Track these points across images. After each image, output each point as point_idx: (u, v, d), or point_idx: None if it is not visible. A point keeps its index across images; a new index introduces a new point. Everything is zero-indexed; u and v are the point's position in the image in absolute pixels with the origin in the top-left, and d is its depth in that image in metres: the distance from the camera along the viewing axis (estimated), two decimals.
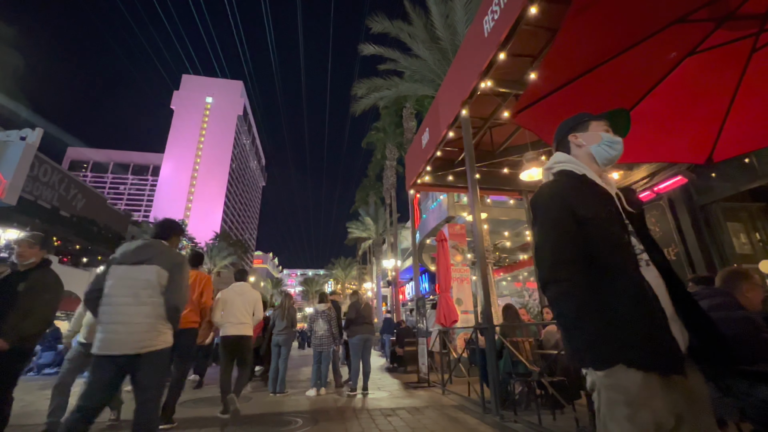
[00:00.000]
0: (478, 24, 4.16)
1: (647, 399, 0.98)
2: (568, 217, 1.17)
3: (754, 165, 4.49)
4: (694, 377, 1.05)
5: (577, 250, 1.13)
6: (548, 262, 1.15)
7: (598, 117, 1.36)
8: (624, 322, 1.04)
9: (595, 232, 1.14)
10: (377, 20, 11.40)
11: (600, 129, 1.33)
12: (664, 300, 1.09)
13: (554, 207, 1.21)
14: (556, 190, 1.24)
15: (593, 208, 1.17)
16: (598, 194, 1.21)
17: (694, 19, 2.22)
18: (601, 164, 1.31)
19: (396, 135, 20.17)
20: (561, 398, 3.37)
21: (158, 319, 2.29)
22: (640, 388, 0.99)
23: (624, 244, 1.13)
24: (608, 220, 1.15)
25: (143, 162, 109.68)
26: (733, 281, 2.14)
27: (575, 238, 1.15)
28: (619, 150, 1.29)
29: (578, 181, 1.26)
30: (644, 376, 0.99)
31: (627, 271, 1.09)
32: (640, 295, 1.06)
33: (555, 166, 1.34)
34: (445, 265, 7.20)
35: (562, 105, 2.46)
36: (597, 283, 1.10)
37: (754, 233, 5.04)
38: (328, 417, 4.11)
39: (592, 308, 1.07)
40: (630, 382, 1.00)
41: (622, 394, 1.01)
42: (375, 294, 28.79)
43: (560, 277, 1.12)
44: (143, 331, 2.22)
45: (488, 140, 6.29)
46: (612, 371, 1.02)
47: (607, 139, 1.30)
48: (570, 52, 2.23)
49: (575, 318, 1.08)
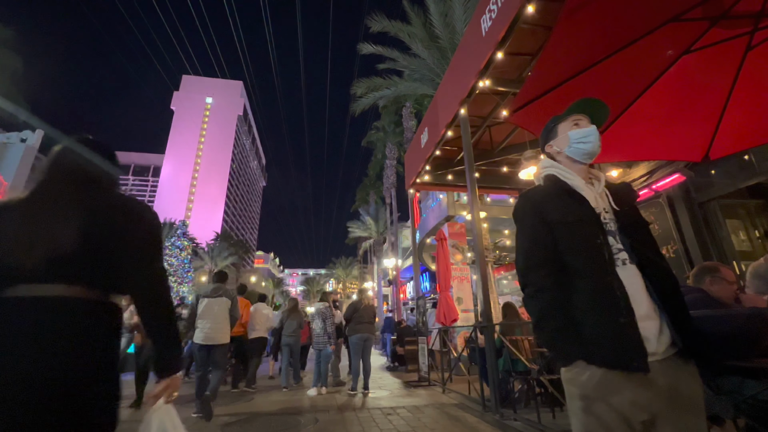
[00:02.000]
0: (476, 23, 4.16)
1: (604, 394, 1.01)
2: (539, 223, 1.21)
3: (752, 162, 4.49)
4: (682, 376, 1.05)
5: (546, 254, 1.18)
6: (521, 268, 1.23)
7: (564, 116, 1.36)
8: (583, 320, 1.08)
9: (562, 235, 1.17)
10: (376, 19, 11.41)
11: (567, 128, 1.33)
12: (638, 298, 1.09)
13: (526, 214, 1.27)
14: (528, 198, 1.29)
15: (561, 213, 1.19)
16: (569, 198, 1.22)
17: (688, 17, 2.23)
18: (583, 160, 1.30)
19: (396, 134, 20.19)
20: (560, 396, 3.38)
21: (226, 326, 4.52)
22: (597, 384, 1.02)
23: (595, 245, 1.13)
24: (577, 222, 1.17)
25: (144, 163, 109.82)
26: (699, 277, 2.17)
27: (545, 243, 1.19)
28: (592, 140, 1.27)
29: (555, 186, 1.27)
30: (605, 373, 1.02)
31: (594, 271, 1.11)
32: (603, 294, 1.07)
33: (543, 171, 1.37)
34: (445, 264, 7.21)
35: (559, 104, 2.46)
36: (564, 285, 1.14)
37: (753, 230, 5.04)
38: (328, 416, 4.13)
39: (555, 309, 1.12)
40: (587, 377, 1.04)
41: (578, 387, 1.06)
42: (376, 293, 28.82)
43: (529, 281, 1.19)
44: (220, 333, 4.45)
45: (487, 139, 6.29)
46: (572, 367, 1.08)
47: (574, 137, 1.29)
48: (565, 50, 2.24)
49: (539, 318, 1.15)
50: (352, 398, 5.20)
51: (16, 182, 13.14)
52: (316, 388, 5.64)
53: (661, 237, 5.32)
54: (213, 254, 42.94)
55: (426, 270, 15.71)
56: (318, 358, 5.78)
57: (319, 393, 5.56)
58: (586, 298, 1.09)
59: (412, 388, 5.97)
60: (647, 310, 1.08)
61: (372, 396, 5.34)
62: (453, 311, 6.62)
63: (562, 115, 1.38)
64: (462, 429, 3.55)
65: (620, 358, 1.01)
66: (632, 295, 1.08)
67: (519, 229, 1.29)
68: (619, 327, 1.03)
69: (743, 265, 4.75)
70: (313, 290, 62.11)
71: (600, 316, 1.06)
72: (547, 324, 1.13)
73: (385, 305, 25.00)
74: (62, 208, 1.07)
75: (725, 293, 2.07)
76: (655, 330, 1.06)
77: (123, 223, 1.12)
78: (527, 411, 3.83)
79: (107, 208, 1.13)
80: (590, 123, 1.32)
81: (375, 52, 11.89)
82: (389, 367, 9.29)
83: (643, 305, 1.08)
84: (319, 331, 5.80)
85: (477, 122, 5.75)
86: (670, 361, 1.05)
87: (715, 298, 2.03)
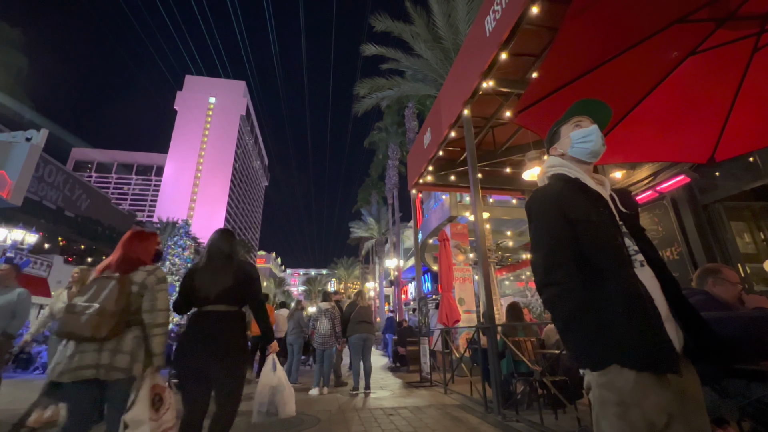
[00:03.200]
0: (480, 24, 4.16)
1: (639, 398, 0.99)
2: (560, 220, 1.18)
3: (757, 164, 4.47)
4: (689, 377, 1.06)
5: (569, 252, 1.14)
6: (542, 266, 1.17)
7: (564, 119, 1.37)
8: (617, 323, 1.05)
9: (586, 233, 1.14)
10: (380, 19, 11.41)
11: (569, 130, 1.33)
12: (659, 300, 1.09)
13: (546, 210, 1.22)
14: (547, 194, 1.26)
15: (584, 210, 1.17)
16: (589, 196, 1.21)
17: (694, 19, 2.22)
18: (588, 160, 1.29)
19: (398, 135, 20.19)
20: (563, 398, 3.37)
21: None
22: (632, 388, 1.00)
23: (617, 245, 1.12)
24: (600, 221, 1.15)
25: (147, 162, 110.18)
26: (702, 278, 2.16)
27: (568, 241, 1.16)
28: (594, 140, 1.26)
29: (570, 183, 1.26)
30: (637, 376, 1.00)
31: (619, 271, 1.09)
32: (633, 296, 1.06)
33: (549, 170, 1.35)
34: (447, 265, 7.20)
35: (564, 105, 2.44)
36: (590, 285, 1.10)
37: (758, 232, 5.01)
38: (330, 416, 4.13)
39: (584, 310, 1.08)
40: (623, 381, 1.01)
41: (615, 393, 1.02)
42: (378, 294, 28.81)
43: (553, 281, 1.14)
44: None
45: (490, 140, 6.29)
46: (606, 371, 1.04)
47: (576, 137, 1.29)
48: (570, 52, 2.24)
49: (569, 320, 1.10)
50: (353, 398, 5.20)
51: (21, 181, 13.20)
52: (317, 387, 5.64)
53: (665, 239, 5.30)
54: None
55: (428, 270, 15.70)
56: (321, 357, 5.77)
57: (321, 393, 5.56)
58: (618, 299, 1.06)
59: (414, 389, 5.96)
60: (666, 312, 1.08)
61: (374, 396, 5.33)
62: (455, 312, 6.61)
63: (562, 118, 1.38)
64: (464, 430, 3.54)
65: (654, 361, 1.00)
66: (654, 296, 1.08)
67: (537, 226, 1.24)
68: (652, 329, 1.03)
69: (748, 267, 4.72)
70: (314, 290, 62.15)
71: (632, 319, 1.04)
72: (579, 326, 1.09)
73: (387, 306, 25.01)
74: (221, 269, 2.26)
75: (729, 294, 2.06)
76: (673, 331, 1.07)
77: (246, 274, 2.30)
78: (529, 412, 3.83)
79: (238, 267, 2.29)
80: (592, 123, 1.32)
81: (378, 53, 11.89)
82: (391, 367, 9.28)
83: (663, 307, 1.08)
84: (325, 332, 5.77)
85: (480, 123, 5.75)
86: (683, 362, 1.06)
87: (718, 300, 2.02)
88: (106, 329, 1.81)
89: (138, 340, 1.95)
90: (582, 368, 1.11)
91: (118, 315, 1.86)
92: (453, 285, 7.37)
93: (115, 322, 1.84)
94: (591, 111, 1.35)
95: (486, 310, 4.26)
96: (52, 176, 21.37)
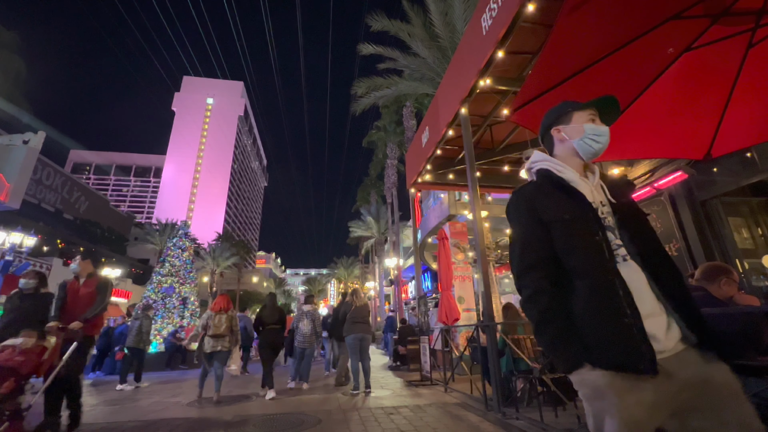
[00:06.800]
0: (476, 22, 4.15)
1: (616, 397, 0.97)
2: (533, 222, 1.17)
3: (755, 160, 4.48)
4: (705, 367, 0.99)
5: (542, 254, 1.14)
6: (515, 270, 1.18)
7: (582, 106, 1.27)
8: (584, 322, 1.04)
9: (558, 234, 1.13)
10: (376, 18, 11.39)
11: (583, 120, 1.25)
12: (643, 295, 1.04)
13: (519, 214, 1.22)
14: (520, 195, 1.24)
15: (556, 210, 1.15)
16: (564, 194, 1.17)
17: (689, 15, 2.23)
18: (585, 158, 1.25)
19: (396, 134, 20.18)
20: (562, 395, 3.38)
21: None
22: (607, 386, 0.98)
23: (593, 243, 1.08)
24: (573, 219, 1.12)
25: (145, 164, 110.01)
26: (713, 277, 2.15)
27: (538, 244, 1.15)
28: (603, 142, 1.22)
29: (548, 182, 1.22)
30: (612, 375, 0.98)
31: (593, 269, 1.06)
32: (602, 293, 1.04)
33: (533, 166, 1.31)
34: (446, 264, 7.20)
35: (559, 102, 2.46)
36: (561, 286, 1.10)
37: (756, 228, 5.02)
38: (331, 416, 4.14)
39: (554, 312, 1.08)
40: (596, 379, 1.00)
41: (590, 389, 1.02)
42: (378, 293, 28.84)
43: (524, 284, 1.14)
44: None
45: (488, 138, 6.28)
46: (579, 372, 1.04)
47: (590, 131, 1.23)
48: (565, 49, 2.24)
49: (538, 322, 1.10)
50: (354, 398, 5.21)
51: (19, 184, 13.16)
52: (293, 381, 6.22)
53: (664, 235, 5.30)
54: (215, 255, 42.97)
55: (427, 269, 15.71)
56: (301, 355, 6.24)
57: (299, 387, 6.10)
58: (586, 298, 1.05)
59: (414, 388, 5.97)
60: (652, 307, 1.04)
61: (374, 395, 5.34)
62: (455, 310, 6.61)
63: (579, 103, 1.28)
64: (464, 428, 3.55)
65: (627, 361, 0.97)
66: (635, 292, 1.03)
67: (512, 228, 1.24)
68: (623, 327, 0.99)
69: (746, 263, 4.74)
70: (315, 290, 62.17)
71: (602, 317, 1.02)
72: (547, 328, 1.08)
73: (387, 305, 25.03)
74: (274, 310, 6.09)
75: (730, 294, 2.06)
76: (662, 326, 1.02)
77: (282, 313, 6.12)
78: (529, 410, 3.83)
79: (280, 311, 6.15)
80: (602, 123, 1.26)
81: (375, 53, 11.88)
82: (391, 366, 9.29)
83: (647, 302, 1.04)
84: (306, 332, 6.20)
85: (478, 121, 5.74)
86: (687, 355, 1.01)
87: (715, 297, 2.03)
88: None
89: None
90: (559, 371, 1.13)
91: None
92: (452, 284, 7.37)
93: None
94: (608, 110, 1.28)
95: (485, 309, 4.26)
96: (50, 179, 21.34)
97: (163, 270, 13.24)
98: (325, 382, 6.86)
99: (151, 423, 4.03)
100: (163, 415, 4.37)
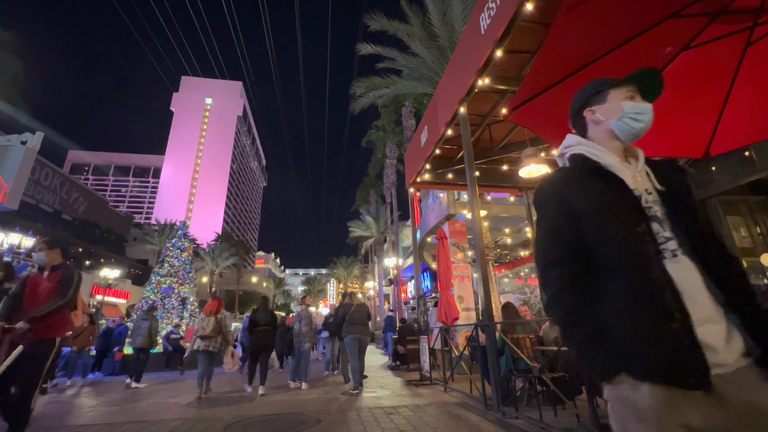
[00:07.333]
0: (475, 21, 4.15)
1: (662, 415, 0.83)
2: (561, 214, 1.04)
3: (753, 158, 4.48)
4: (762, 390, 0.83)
5: (565, 250, 1.02)
6: (540, 264, 1.06)
7: (619, 83, 1.12)
8: (621, 328, 0.90)
9: (591, 227, 0.99)
10: (375, 18, 11.40)
11: (621, 97, 1.10)
12: (696, 297, 0.89)
13: (548, 203, 1.09)
14: (551, 184, 1.11)
15: (590, 199, 1.02)
16: (601, 180, 1.04)
17: (688, 13, 2.22)
18: (625, 140, 1.09)
19: (396, 133, 20.17)
20: (562, 394, 3.38)
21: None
22: (651, 403, 0.84)
23: (633, 236, 0.95)
24: (609, 211, 0.98)
25: (144, 164, 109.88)
26: None
27: (565, 238, 1.03)
28: (646, 121, 1.07)
29: (582, 169, 1.09)
30: (656, 389, 0.84)
31: (629, 267, 0.93)
32: (644, 291, 0.89)
33: (566, 152, 1.17)
34: (445, 263, 7.21)
35: (558, 102, 2.46)
36: (594, 284, 0.97)
37: (754, 227, 5.03)
38: (330, 416, 4.13)
39: (583, 313, 0.96)
40: (638, 395, 0.86)
41: (630, 408, 0.88)
42: (377, 293, 28.84)
43: (548, 281, 1.03)
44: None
45: (487, 137, 6.28)
46: (616, 382, 0.90)
47: (630, 109, 1.07)
48: (563, 48, 2.23)
49: (564, 325, 0.99)
50: (353, 398, 5.20)
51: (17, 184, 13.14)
52: (291, 381, 6.31)
53: None
54: (214, 255, 42.97)
55: (427, 269, 15.71)
56: (298, 355, 6.39)
57: (298, 387, 6.14)
58: (620, 298, 0.92)
59: (414, 387, 5.97)
60: (709, 312, 0.88)
61: (374, 395, 5.34)
62: (454, 310, 6.62)
63: (615, 80, 1.13)
64: (464, 427, 3.55)
65: (672, 373, 0.83)
66: (687, 293, 0.88)
67: (538, 218, 1.11)
68: (669, 333, 0.85)
69: (745, 261, 4.75)
70: (314, 290, 62.15)
71: (643, 321, 0.88)
72: (575, 331, 0.96)
73: (386, 305, 25.03)
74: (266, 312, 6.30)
75: None
76: (721, 335, 0.86)
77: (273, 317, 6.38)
78: (529, 409, 3.84)
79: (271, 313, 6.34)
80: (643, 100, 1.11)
81: (374, 52, 11.88)
82: (391, 366, 9.29)
83: (702, 306, 0.88)
84: (297, 329, 6.51)
85: (477, 120, 5.74)
86: (747, 372, 0.84)
87: None
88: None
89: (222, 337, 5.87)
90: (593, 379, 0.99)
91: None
92: (452, 283, 7.37)
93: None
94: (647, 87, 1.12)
95: (484, 308, 4.26)
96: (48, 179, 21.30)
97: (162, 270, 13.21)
98: (325, 382, 6.87)
99: (150, 424, 4.03)
100: (161, 416, 4.37)
